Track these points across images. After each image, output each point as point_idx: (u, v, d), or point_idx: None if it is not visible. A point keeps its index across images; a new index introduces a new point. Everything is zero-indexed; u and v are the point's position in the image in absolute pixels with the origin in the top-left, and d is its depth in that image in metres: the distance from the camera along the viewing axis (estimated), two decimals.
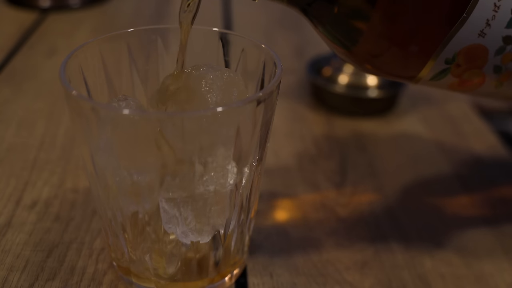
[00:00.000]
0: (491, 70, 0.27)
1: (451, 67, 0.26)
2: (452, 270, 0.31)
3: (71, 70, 0.25)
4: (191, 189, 0.24)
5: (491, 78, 0.27)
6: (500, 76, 0.27)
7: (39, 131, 0.42)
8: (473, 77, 0.27)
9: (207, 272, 0.27)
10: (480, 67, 0.26)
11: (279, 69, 0.25)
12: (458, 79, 0.27)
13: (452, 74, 0.27)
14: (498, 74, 0.27)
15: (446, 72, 0.27)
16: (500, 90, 0.28)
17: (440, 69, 0.26)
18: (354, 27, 0.26)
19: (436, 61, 0.26)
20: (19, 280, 0.29)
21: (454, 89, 0.28)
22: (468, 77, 0.27)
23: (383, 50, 0.26)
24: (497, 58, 0.26)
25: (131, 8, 0.68)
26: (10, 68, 0.51)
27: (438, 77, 0.27)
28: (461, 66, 0.26)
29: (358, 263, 0.31)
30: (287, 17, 0.65)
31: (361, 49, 0.27)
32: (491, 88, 0.28)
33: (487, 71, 0.27)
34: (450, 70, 0.26)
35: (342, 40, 0.27)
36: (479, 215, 0.35)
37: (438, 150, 0.42)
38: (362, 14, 0.26)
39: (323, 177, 0.38)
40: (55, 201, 0.34)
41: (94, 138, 0.24)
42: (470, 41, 0.25)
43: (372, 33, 0.26)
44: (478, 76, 0.27)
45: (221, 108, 0.22)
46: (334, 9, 0.26)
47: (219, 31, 0.29)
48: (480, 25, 0.25)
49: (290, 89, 0.49)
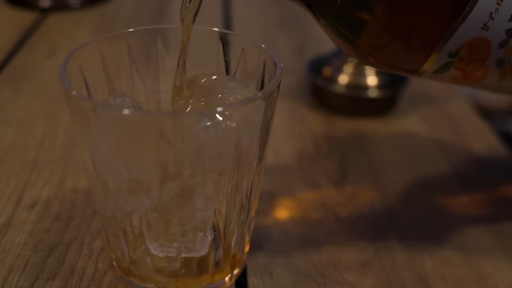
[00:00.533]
0: (494, 63, 0.27)
1: (454, 61, 0.26)
2: (452, 270, 0.31)
3: (71, 70, 0.25)
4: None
5: (494, 71, 0.27)
6: (503, 69, 0.27)
7: (39, 131, 0.42)
8: (476, 70, 0.27)
9: (207, 272, 0.27)
10: (483, 60, 0.26)
11: (279, 69, 0.25)
12: (461, 72, 0.27)
13: (455, 67, 0.27)
14: (501, 67, 0.27)
15: (449, 66, 0.27)
16: (503, 83, 0.28)
17: (443, 63, 0.26)
18: (357, 20, 0.26)
19: (439, 54, 0.26)
20: (19, 280, 0.29)
21: (456, 82, 0.28)
22: (471, 70, 0.27)
23: (387, 43, 0.26)
24: (500, 51, 0.26)
25: (131, 8, 0.68)
26: (10, 68, 0.51)
27: (441, 70, 0.27)
28: (464, 60, 0.26)
29: (358, 263, 0.31)
30: (287, 17, 0.65)
31: (364, 42, 0.27)
32: (493, 81, 0.28)
33: (490, 64, 0.27)
34: (453, 64, 0.26)
35: (345, 33, 0.27)
36: (479, 214, 0.35)
37: (438, 150, 0.42)
38: (365, 6, 0.26)
39: (323, 177, 0.38)
40: (55, 201, 0.34)
41: (94, 138, 0.24)
42: (473, 35, 0.25)
43: (376, 26, 0.26)
44: (481, 69, 0.27)
45: (221, 108, 0.22)
46: (337, 1, 0.26)
47: (219, 31, 0.29)
48: (483, 18, 0.25)
49: (290, 89, 0.49)
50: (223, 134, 0.23)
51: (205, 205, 0.25)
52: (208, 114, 0.23)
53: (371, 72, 0.45)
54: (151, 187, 0.24)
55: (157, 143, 0.23)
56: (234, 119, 0.23)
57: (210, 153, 0.23)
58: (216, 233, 0.26)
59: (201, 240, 0.26)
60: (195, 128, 0.22)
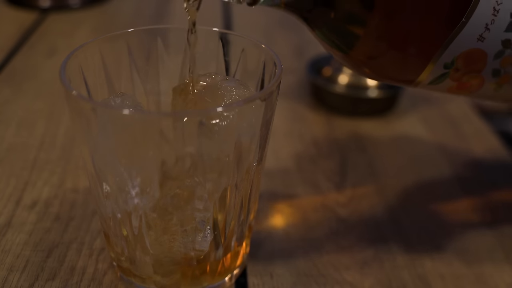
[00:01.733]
0: (490, 74, 0.27)
1: (450, 72, 0.26)
2: (452, 271, 0.31)
3: (71, 70, 0.25)
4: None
5: (490, 81, 0.27)
6: (499, 79, 0.27)
7: (39, 131, 0.42)
8: (471, 80, 0.27)
9: (207, 272, 0.27)
10: (479, 70, 0.26)
11: (279, 69, 0.25)
12: (457, 82, 0.27)
13: (451, 78, 0.27)
14: (497, 77, 0.27)
15: (445, 76, 0.26)
16: (499, 92, 0.28)
17: (439, 74, 0.26)
18: (351, 32, 0.26)
19: (435, 65, 0.26)
20: (19, 280, 0.29)
21: (452, 92, 0.28)
22: (467, 80, 0.27)
23: (381, 54, 0.26)
24: (496, 62, 0.26)
25: (131, 8, 0.68)
26: (10, 68, 0.51)
27: (437, 81, 0.27)
28: (460, 70, 0.26)
29: (358, 263, 0.31)
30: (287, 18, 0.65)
31: (359, 53, 0.27)
32: (490, 91, 0.28)
33: (486, 74, 0.27)
34: (449, 75, 0.26)
35: (339, 44, 0.27)
36: (479, 214, 0.35)
37: (438, 150, 0.42)
38: (360, 19, 0.26)
39: (323, 177, 0.38)
40: (55, 201, 0.34)
41: (94, 138, 0.24)
42: (469, 46, 0.25)
43: (371, 38, 0.26)
44: (477, 79, 0.27)
45: (221, 108, 0.22)
46: (331, 14, 0.26)
47: (219, 31, 0.29)
48: (479, 29, 0.25)
49: (290, 89, 0.49)
50: (223, 134, 0.23)
51: (204, 205, 0.25)
52: (208, 114, 0.23)
53: None
54: (151, 187, 0.24)
55: (157, 143, 0.23)
56: (234, 119, 0.23)
57: (210, 153, 0.23)
58: (216, 233, 0.26)
59: (201, 240, 0.26)
60: (195, 128, 0.22)
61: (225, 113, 0.23)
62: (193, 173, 0.24)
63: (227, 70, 0.29)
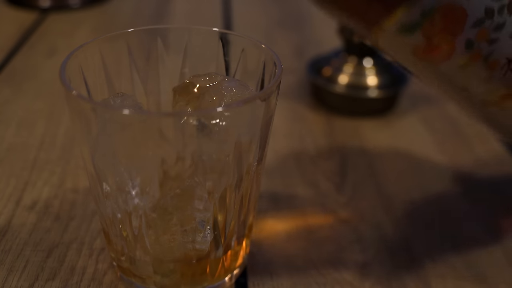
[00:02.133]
0: (463, 44, 0.25)
1: (424, 23, 0.24)
2: (452, 270, 0.31)
3: (71, 70, 0.25)
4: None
5: (460, 54, 0.25)
6: (470, 54, 0.25)
7: (39, 131, 0.42)
8: (443, 45, 0.25)
9: (207, 272, 0.27)
10: (454, 34, 0.24)
11: (279, 69, 0.25)
12: (427, 42, 0.24)
13: (422, 32, 0.24)
14: (469, 50, 0.25)
15: (416, 27, 0.24)
16: (463, 73, 0.26)
17: (412, 21, 0.23)
18: None
19: (410, 9, 0.23)
20: (19, 280, 0.29)
21: (416, 55, 0.25)
22: (438, 43, 0.24)
23: None
24: (473, 31, 0.24)
25: (131, 8, 0.68)
26: (10, 68, 0.51)
27: (405, 31, 0.24)
28: (435, 27, 0.24)
29: (358, 263, 0.31)
30: (287, 17, 0.65)
31: None
32: (454, 68, 0.26)
33: (459, 43, 0.25)
34: (422, 26, 0.24)
35: None
36: (478, 214, 0.35)
37: (438, 150, 0.42)
38: None
39: (323, 177, 0.38)
40: (55, 201, 0.34)
41: (94, 138, 0.24)
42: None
43: None
44: (448, 46, 0.25)
45: (221, 108, 0.22)
46: None
47: (219, 31, 0.29)
48: None
49: (290, 89, 0.49)
50: (223, 134, 0.23)
51: (204, 205, 0.25)
52: (208, 114, 0.23)
53: (371, 72, 0.45)
54: (151, 187, 0.24)
55: (157, 143, 0.23)
56: (234, 120, 0.23)
57: (210, 153, 0.23)
58: (216, 233, 0.26)
59: (201, 240, 0.26)
60: (195, 128, 0.22)
61: (225, 113, 0.23)
62: (193, 173, 0.24)
63: (227, 70, 0.29)
